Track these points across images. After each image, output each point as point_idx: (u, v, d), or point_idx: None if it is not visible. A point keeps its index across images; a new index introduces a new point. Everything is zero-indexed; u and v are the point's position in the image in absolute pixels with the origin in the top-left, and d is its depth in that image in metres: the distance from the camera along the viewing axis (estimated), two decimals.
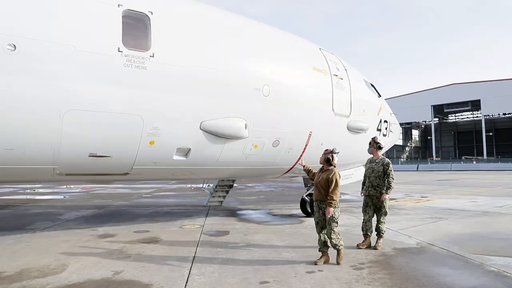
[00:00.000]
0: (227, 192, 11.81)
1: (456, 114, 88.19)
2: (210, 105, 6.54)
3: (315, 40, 10.38)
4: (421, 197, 14.94)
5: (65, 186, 21.45)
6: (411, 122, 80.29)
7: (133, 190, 19.12)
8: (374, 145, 6.61)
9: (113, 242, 6.75)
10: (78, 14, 5.46)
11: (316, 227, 5.56)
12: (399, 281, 4.47)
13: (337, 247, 5.32)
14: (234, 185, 12.21)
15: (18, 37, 4.88)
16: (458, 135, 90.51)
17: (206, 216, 9.81)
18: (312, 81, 8.23)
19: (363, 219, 6.43)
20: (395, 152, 78.71)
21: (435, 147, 77.87)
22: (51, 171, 5.92)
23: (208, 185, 11.99)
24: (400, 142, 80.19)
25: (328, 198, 5.35)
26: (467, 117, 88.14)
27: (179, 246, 6.40)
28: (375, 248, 6.07)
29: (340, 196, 5.51)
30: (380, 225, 6.29)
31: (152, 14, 6.06)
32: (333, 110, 8.61)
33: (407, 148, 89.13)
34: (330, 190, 5.34)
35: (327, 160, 5.56)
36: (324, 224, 5.43)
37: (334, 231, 5.31)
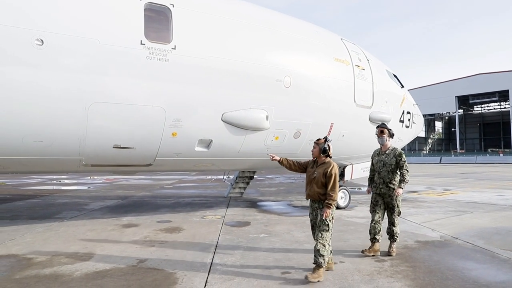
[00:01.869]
0: (247, 183, 11.89)
1: (482, 105, 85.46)
2: (231, 96, 6.57)
3: (335, 31, 10.22)
4: (444, 190, 14.64)
5: (89, 177, 22.03)
6: (434, 114, 78.25)
7: (154, 181, 19.47)
8: (387, 132, 5.58)
9: (137, 231, 6.92)
10: (102, 8, 5.55)
11: (312, 230, 4.76)
12: (422, 274, 4.42)
13: (318, 258, 4.25)
14: (255, 176, 12.27)
15: (45, 32, 5.01)
16: (484, 127, 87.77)
17: (227, 207, 9.92)
18: (333, 72, 8.14)
19: (372, 220, 5.48)
20: (417, 144, 77.10)
21: (459, 139, 75.73)
22: (77, 162, 6.10)
23: (229, 177, 12.09)
24: (422, 134, 78.46)
25: (327, 197, 4.44)
26: (494, 108, 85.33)
27: (201, 236, 6.51)
28: (389, 254, 5.22)
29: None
30: (394, 228, 5.42)
31: (173, 6, 6.10)
32: (355, 101, 8.50)
33: (429, 140, 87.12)
34: (329, 187, 4.44)
35: (324, 150, 4.62)
36: None
37: (322, 235, 4.37)
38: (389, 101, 9.71)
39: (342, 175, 9.97)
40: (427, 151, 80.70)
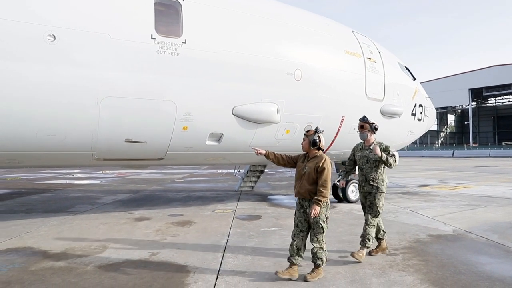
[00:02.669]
0: (258, 177, 11.90)
1: (497, 98, 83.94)
2: (242, 90, 6.56)
3: (346, 24, 10.12)
4: (457, 183, 14.46)
5: (101, 171, 22.29)
6: (447, 107, 77.28)
7: (166, 175, 19.62)
8: (369, 127, 5.11)
9: (149, 224, 6.99)
10: (112, 3, 5.57)
11: (294, 229, 4.33)
12: (435, 268, 4.38)
13: (316, 260, 4.09)
14: (265, 170, 12.27)
15: (57, 28, 5.05)
16: (498, 120, 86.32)
17: (238, 201, 9.95)
18: (344, 64, 8.07)
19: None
20: (429, 137, 76.31)
21: (473, 132, 74.68)
22: (90, 156, 6.16)
23: (239, 170, 12.12)
24: (434, 128, 77.54)
25: (317, 193, 4.05)
26: (509, 101, 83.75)
27: (212, 229, 6.55)
28: (353, 255, 4.65)
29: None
30: (367, 228, 4.86)
31: (183, 0, 6.09)
32: (366, 94, 8.42)
33: (442, 134, 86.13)
34: (320, 182, 4.04)
35: (314, 143, 4.20)
36: (304, 228, 4.26)
37: (318, 238, 4.13)
38: (401, 93, 9.59)
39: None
40: (439, 145, 79.78)
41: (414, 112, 10.35)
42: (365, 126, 5.13)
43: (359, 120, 5.24)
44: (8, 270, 4.41)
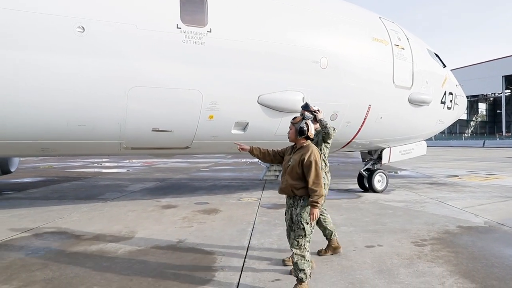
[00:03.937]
0: None
1: None
2: (267, 79, 6.52)
3: (373, 9, 9.86)
4: (488, 174, 13.99)
5: (128, 161, 22.85)
6: (478, 95, 74.39)
7: (191, 164, 19.90)
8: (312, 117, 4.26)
9: (176, 212, 7.13)
10: None
11: (287, 232, 3.74)
12: (465, 260, 4.27)
13: (299, 273, 3.37)
14: None
15: (86, 19, 5.13)
16: None
17: (263, 190, 10.00)
18: (371, 52, 7.86)
19: None
20: (458, 127, 73.89)
21: (506, 121, 71.70)
22: (118, 145, 6.31)
23: None
24: (464, 117, 74.98)
25: (310, 193, 3.42)
26: None
27: (238, 217, 6.61)
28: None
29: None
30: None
31: None
32: (393, 82, 8.20)
33: (472, 123, 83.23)
34: (310, 180, 3.41)
35: (301, 131, 3.57)
36: None
37: (298, 242, 3.46)
38: (430, 81, 9.30)
39: (379, 158, 9.77)
40: (469, 134, 77.23)
41: (443, 100, 10.02)
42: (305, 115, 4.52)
43: (301, 107, 4.64)
44: (45, 253, 4.61)
